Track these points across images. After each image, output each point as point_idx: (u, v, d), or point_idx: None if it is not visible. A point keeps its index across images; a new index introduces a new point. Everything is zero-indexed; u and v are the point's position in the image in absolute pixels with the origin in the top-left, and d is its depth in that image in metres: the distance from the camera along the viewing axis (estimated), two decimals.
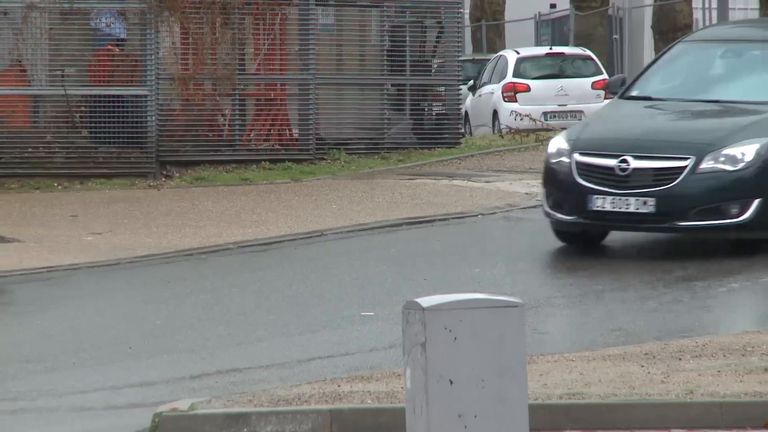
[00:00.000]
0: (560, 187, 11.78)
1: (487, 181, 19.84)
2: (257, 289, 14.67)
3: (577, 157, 11.44)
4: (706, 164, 11.24)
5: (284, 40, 17.70)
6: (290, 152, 18.02)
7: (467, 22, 32.71)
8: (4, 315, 13.89)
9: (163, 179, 17.27)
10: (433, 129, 19.50)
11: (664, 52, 13.37)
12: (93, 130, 17.02)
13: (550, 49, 29.78)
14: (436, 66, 20.18)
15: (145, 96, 16.94)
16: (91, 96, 16.84)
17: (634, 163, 11.22)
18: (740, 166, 11.31)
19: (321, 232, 15.76)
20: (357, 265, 15.27)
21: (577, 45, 31.10)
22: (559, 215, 11.67)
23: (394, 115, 19.38)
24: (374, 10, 19.18)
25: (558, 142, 11.95)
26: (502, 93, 27.08)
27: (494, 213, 17.30)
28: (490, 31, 35.10)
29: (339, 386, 8.57)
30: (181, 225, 16.87)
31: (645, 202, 11.24)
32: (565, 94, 27.35)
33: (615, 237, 12.46)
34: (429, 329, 5.07)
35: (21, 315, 13.56)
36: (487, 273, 13.39)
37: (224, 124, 17.83)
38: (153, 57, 17.17)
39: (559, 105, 27.05)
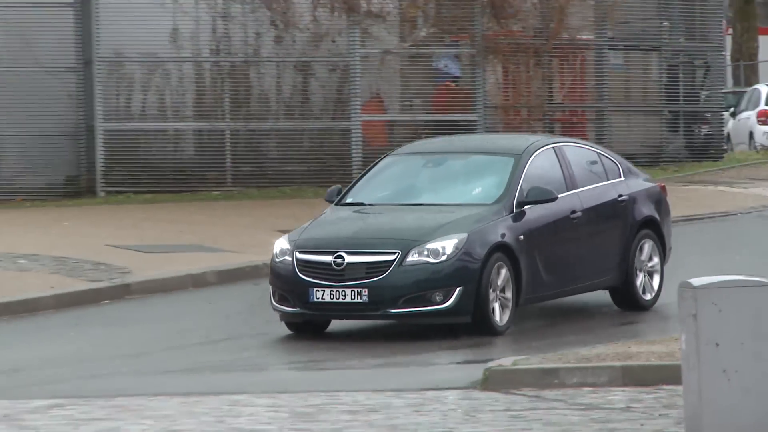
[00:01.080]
0: (285, 282, 12.71)
1: (745, 187, 22.69)
2: None
3: (297, 255, 12.34)
4: (411, 257, 12.21)
5: (583, 76, 21.59)
6: None
7: (728, 61, 36.78)
8: None
9: None
10: (701, 146, 23.45)
11: (374, 165, 14.33)
12: None
13: None
14: (704, 96, 24.00)
15: (475, 121, 20.79)
16: (432, 121, 20.26)
17: (349, 258, 12.20)
18: (442, 258, 12.23)
19: None
20: None
21: None
22: (285, 308, 12.52)
23: (670, 135, 23.36)
24: (654, 53, 23.51)
25: (281, 243, 12.85)
26: (757, 118, 30.95)
27: (750, 212, 20.22)
28: (747, 69, 39.65)
29: (629, 348, 10.63)
30: None
31: (359, 293, 12.18)
32: None
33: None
34: (699, 303, 5.88)
35: None
36: (745, 259, 15.55)
37: None
38: (481, 90, 21.02)
39: None
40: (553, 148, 13.51)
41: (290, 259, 12.16)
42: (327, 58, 21.75)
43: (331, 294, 11.97)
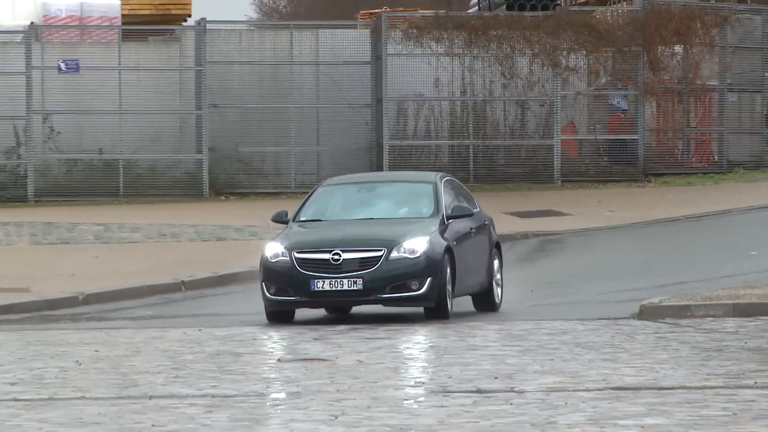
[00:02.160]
0: (283, 277, 14.03)
1: None
2: (690, 242, 22.22)
3: (296, 254, 13.83)
4: (394, 254, 13.78)
5: (710, 109, 28.44)
6: None
7: None
8: (563, 252, 22.15)
9: (645, 183, 27.31)
10: None
11: (311, 194, 15.72)
12: (609, 155, 27.99)
13: None
14: None
15: (637, 140, 27.31)
16: (609, 139, 27.58)
17: (344, 255, 13.80)
18: (416, 255, 13.82)
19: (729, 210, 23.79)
20: (751, 228, 22.76)
21: None
22: (284, 298, 14.03)
23: None
24: (758, 94, 29.06)
25: (273, 248, 14.19)
26: None
27: None
28: None
29: (738, 291, 13.97)
30: (654, 206, 25.06)
31: (355, 282, 13.78)
32: None
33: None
34: None
35: (573, 253, 21.91)
36: None
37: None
38: (641, 119, 27.62)
39: None
40: (448, 179, 15.85)
41: (287, 258, 13.74)
42: (538, 98, 28.37)
43: (330, 284, 13.62)
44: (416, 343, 13.03)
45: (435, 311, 14.06)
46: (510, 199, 25.18)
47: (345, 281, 13.78)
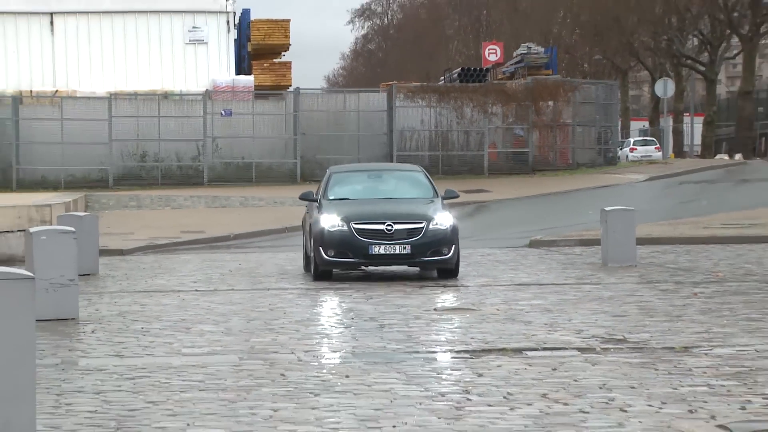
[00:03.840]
0: (343, 243, 15.61)
1: None
2: (558, 206, 31.96)
3: (354, 225, 15.47)
4: (432, 226, 15.52)
5: None
6: None
7: None
8: (489, 212, 31.74)
9: (532, 175, 39.31)
10: None
11: (329, 178, 17.18)
12: (513, 160, 41.38)
13: None
14: None
15: (527, 151, 40.10)
16: (511, 151, 42.28)
17: (396, 226, 15.41)
18: (446, 227, 15.68)
19: None
20: (589, 199, 30.74)
21: None
22: (344, 260, 15.90)
23: None
24: None
25: (331, 219, 15.74)
26: None
27: None
28: None
29: (581, 232, 22.87)
30: (538, 187, 36.37)
31: (405, 247, 15.49)
32: None
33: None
34: None
35: (494, 213, 31.67)
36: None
37: None
38: (530, 140, 40.50)
39: None
40: (421, 167, 18.48)
41: (346, 228, 15.47)
42: (475, 129, 40.04)
43: (385, 248, 15.42)
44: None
45: (453, 271, 16.06)
46: (459, 184, 30.48)
47: (397, 246, 15.23)
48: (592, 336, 11.49)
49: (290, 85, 44.99)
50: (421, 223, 15.62)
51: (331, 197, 16.51)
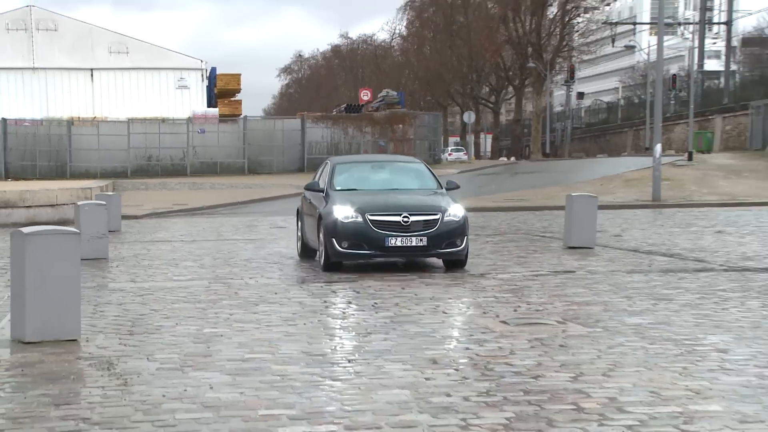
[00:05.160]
0: (358, 234, 14.36)
1: None
2: None
3: (369, 216, 14.52)
4: (446, 218, 14.59)
5: None
6: None
7: None
8: None
9: None
10: None
11: (333, 169, 15.95)
12: None
13: None
14: None
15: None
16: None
17: (412, 218, 14.40)
18: (458, 218, 14.76)
19: None
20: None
21: None
22: (359, 251, 14.70)
23: None
24: None
25: (344, 210, 14.47)
26: None
27: None
28: None
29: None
30: None
31: (421, 239, 14.54)
32: None
33: None
34: None
35: None
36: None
37: None
38: (389, 148, 58.51)
39: None
40: (421, 160, 17.76)
41: (360, 219, 14.43)
42: (355, 142, 59.96)
43: (401, 240, 14.44)
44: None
45: (463, 262, 15.19)
46: None
47: (413, 239, 14.47)
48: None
49: (241, 114, 63.83)
50: (436, 214, 14.73)
51: (338, 188, 15.57)
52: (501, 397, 7.20)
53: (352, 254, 14.72)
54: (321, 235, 14.89)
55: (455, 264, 15.26)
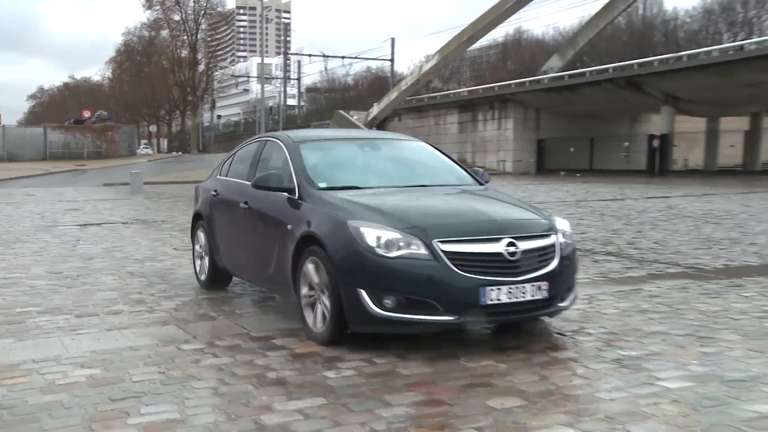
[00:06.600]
0: (422, 283, 6.55)
1: None
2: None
3: (441, 246, 6.63)
4: (560, 239, 7.45)
5: None
6: None
7: None
8: None
9: None
10: None
11: (297, 150, 8.54)
12: None
13: None
14: None
15: None
16: None
17: (521, 245, 7.02)
18: (572, 240, 7.66)
19: None
20: None
21: None
22: (422, 317, 6.52)
23: None
24: None
25: (383, 233, 6.81)
26: None
27: None
28: None
29: None
30: None
31: (539, 288, 7.00)
32: None
33: None
34: None
35: None
36: None
37: None
38: None
39: None
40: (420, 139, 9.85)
41: (425, 251, 6.76)
42: None
43: (509, 292, 6.83)
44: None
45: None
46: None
47: (527, 287, 6.95)
48: None
49: (1, 123, 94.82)
50: (548, 235, 7.39)
51: (321, 185, 8.02)
52: None
53: (406, 321, 6.80)
54: (323, 279, 7.20)
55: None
